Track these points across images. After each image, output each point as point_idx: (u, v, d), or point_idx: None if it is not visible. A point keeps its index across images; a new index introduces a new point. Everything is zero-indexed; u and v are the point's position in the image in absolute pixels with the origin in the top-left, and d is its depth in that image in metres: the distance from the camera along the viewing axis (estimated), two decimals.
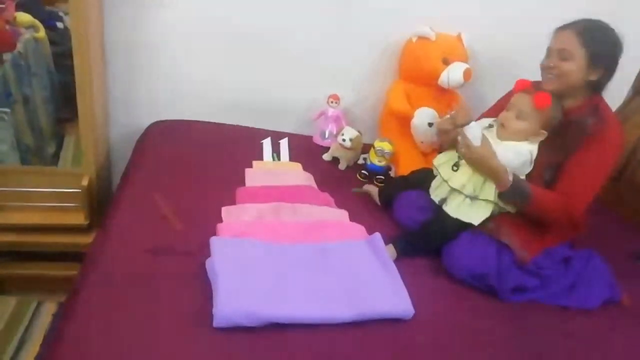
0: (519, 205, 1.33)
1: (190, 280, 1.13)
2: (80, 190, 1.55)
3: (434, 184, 1.46)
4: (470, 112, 1.38)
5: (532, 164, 1.31)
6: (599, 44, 1.29)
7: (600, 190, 1.32)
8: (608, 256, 1.46)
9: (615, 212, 1.89)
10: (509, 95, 1.52)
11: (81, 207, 1.57)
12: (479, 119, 1.57)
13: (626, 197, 1.92)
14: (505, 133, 1.33)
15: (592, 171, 1.30)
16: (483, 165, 1.30)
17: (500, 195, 1.32)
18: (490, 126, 1.39)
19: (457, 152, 1.38)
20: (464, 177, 1.36)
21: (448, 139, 1.45)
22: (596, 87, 1.35)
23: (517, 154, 1.30)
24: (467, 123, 1.34)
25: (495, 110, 1.54)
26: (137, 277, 1.12)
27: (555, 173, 1.33)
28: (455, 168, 1.39)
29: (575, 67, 1.29)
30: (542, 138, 1.31)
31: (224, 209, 1.38)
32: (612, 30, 1.32)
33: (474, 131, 1.31)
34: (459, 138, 1.35)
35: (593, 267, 1.40)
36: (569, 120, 1.34)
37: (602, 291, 1.37)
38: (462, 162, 1.37)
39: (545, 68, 1.35)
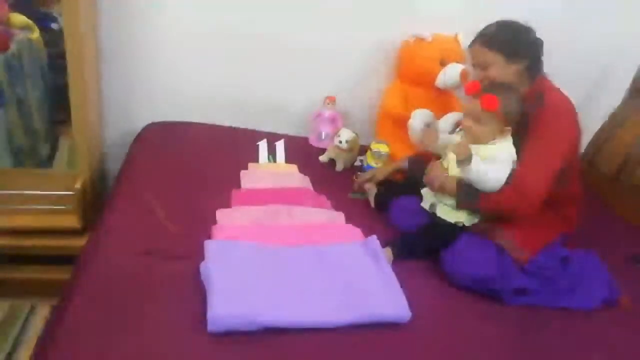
0: (474, 204, 1.34)
1: (184, 284, 1.12)
2: (74, 193, 1.54)
3: (424, 191, 1.47)
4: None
5: (516, 159, 1.31)
6: (504, 40, 1.36)
7: (556, 170, 1.30)
8: (607, 257, 1.46)
9: (613, 212, 1.89)
10: None
11: (75, 210, 1.56)
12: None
13: (624, 197, 1.91)
14: (470, 139, 1.33)
15: (541, 154, 1.30)
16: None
17: (456, 201, 1.35)
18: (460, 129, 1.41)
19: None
20: None
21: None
22: (531, 73, 1.39)
23: (504, 163, 1.30)
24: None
25: None
26: (131, 280, 1.11)
27: None
28: None
29: (497, 70, 1.36)
30: (508, 134, 1.32)
31: (218, 212, 1.37)
32: (511, 21, 1.40)
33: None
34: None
35: (592, 268, 1.40)
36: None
37: (600, 292, 1.36)
38: None
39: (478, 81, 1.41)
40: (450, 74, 1.73)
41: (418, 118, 1.68)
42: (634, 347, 1.24)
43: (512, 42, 1.37)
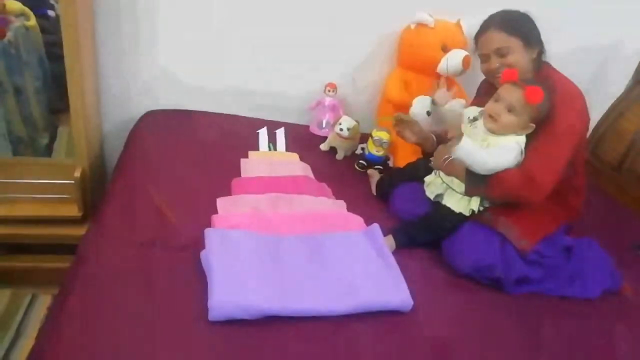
0: (482, 190, 1.32)
1: (185, 273, 1.11)
2: (73, 182, 1.53)
3: (427, 180, 1.45)
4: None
5: (523, 153, 1.29)
6: (521, 25, 1.35)
7: (566, 159, 1.28)
8: (608, 245, 1.45)
9: (615, 201, 1.88)
10: (483, 92, 1.51)
11: (74, 199, 1.55)
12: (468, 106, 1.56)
13: (626, 186, 1.91)
14: (494, 126, 1.29)
15: (552, 144, 1.28)
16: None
17: (465, 186, 1.33)
18: (475, 119, 1.37)
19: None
20: None
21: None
22: (539, 61, 1.38)
23: (509, 151, 1.27)
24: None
25: (477, 100, 1.54)
26: (131, 270, 1.10)
27: None
28: None
29: (518, 56, 1.34)
30: (530, 131, 1.29)
31: (219, 200, 1.36)
32: (516, 9, 1.40)
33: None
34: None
35: (593, 256, 1.39)
36: None
37: (602, 280, 1.36)
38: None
39: (491, 71, 1.39)
40: (452, 61, 1.71)
41: (419, 105, 1.66)
42: (636, 336, 1.24)
43: (528, 28, 1.36)
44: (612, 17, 1.92)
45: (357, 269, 1.17)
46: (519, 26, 1.35)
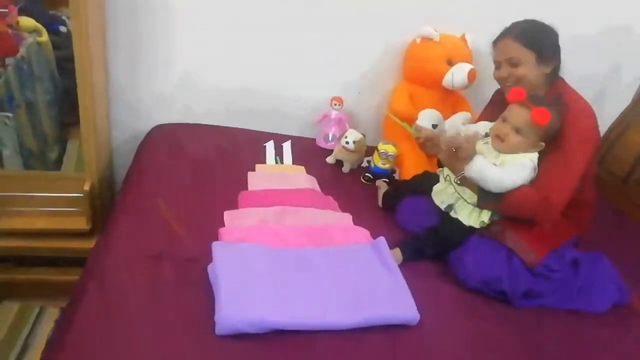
0: (495, 205, 1.31)
1: (192, 287, 1.12)
2: (82, 195, 1.54)
3: (436, 188, 1.44)
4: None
5: (536, 169, 1.29)
6: (539, 39, 1.34)
7: (579, 179, 1.28)
8: (617, 258, 1.43)
9: (623, 213, 1.87)
10: (496, 100, 1.51)
11: (83, 212, 1.56)
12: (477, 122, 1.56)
13: (634, 198, 1.89)
14: (502, 146, 1.29)
15: (566, 162, 1.27)
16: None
17: (478, 199, 1.32)
18: (487, 135, 1.37)
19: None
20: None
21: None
22: (553, 77, 1.37)
23: (523, 168, 1.26)
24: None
25: (485, 115, 1.54)
26: (139, 283, 1.11)
27: None
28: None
29: (528, 69, 1.33)
30: (540, 149, 1.28)
31: (226, 213, 1.37)
32: (540, 22, 1.38)
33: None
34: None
35: (602, 270, 1.38)
36: None
37: (611, 294, 1.34)
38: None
39: (501, 79, 1.39)
40: (457, 74, 1.72)
41: (425, 118, 1.67)
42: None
43: (544, 43, 1.34)
44: (617, 31, 1.93)
45: (363, 283, 1.17)
46: (536, 39, 1.34)
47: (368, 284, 1.17)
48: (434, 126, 1.67)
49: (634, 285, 1.39)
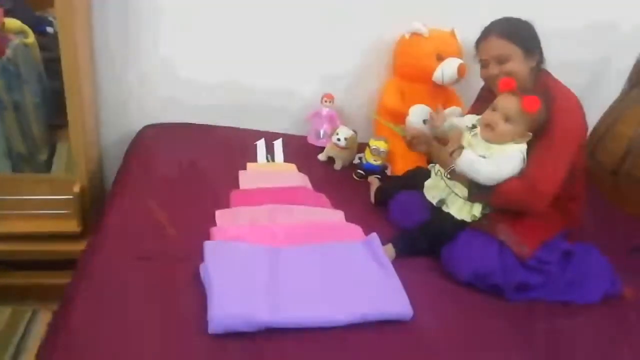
0: (485, 198, 1.32)
1: (184, 286, 1.11)
2: (72, 197, 1.53)
3: (427, 183, 1.45)
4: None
5: (525, 160, 1.29)
6: (522, 34, 1.36)
7: (567, 168, 1.29)
8: (608, 250, 1.45)
9: (615, 205, 1.88)
10: (483, 97, 1.51)
11: (74, 214, 1.55)
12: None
13: (625, 190, 1.91)
14: (491, 135, 1.29)
15: (553, 152, 1.28)
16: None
17: (468, 192, 1.33)
18: (474, 126, 1.37)
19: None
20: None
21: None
22: (538, 69, 1.38)
23: (512, 158, 1.28)
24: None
25: (475, 109, 1.54)
26: (130, 284, 1.10)
27: None
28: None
29: (516, 64, 1.34)
30: (527, 139, 1.29)
31: (217, 213, 1.36)
32: (518, 18, 1.40)
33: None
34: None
35: (593, 261, 1.39)
36: None
37: (602, 285, 1.36)
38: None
39: (489, 78, 1.39)
40: (447, 69, 1.73)
41: (416, 114, 1.67)
42: (634, 342, 1.23)
43: (528, 37, 1.36)
44: (607, 21, 1.93)
45: (356, 280, 1.17)
46: (520, 34, 1.35)
47: (360, 280, 1.17)
48: (425, 122, 1.67)
49: (625, 276, 1.40)
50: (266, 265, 1.15)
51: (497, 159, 1.28)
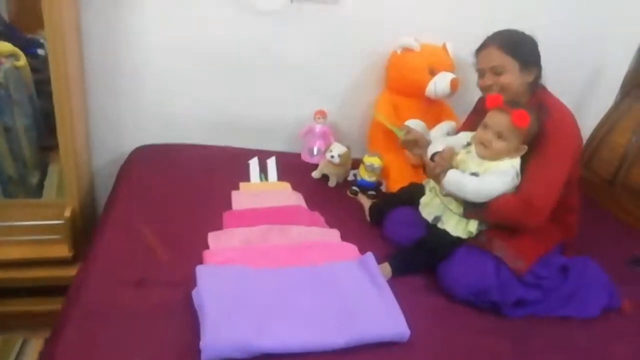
0: (480, 215, 1.31)
1: (177, 312, 1.09)
2: (63, 222, 1.51)
3: (423, 201, 1.44)
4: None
5: (519, 175, 1.29)
6: (522, 48, 1.35)
7: (562, 184, 1.28)
8: (606, 261, 1.44)
9: (611, 215, 1.88)
10: (479, 108, 1.51)
11: (65, 239, 1.53)
12: (460, 129, 1.56)
13: (620, 199, 1.90)
14: (487, 153, 1.29)
15: (548, 168, 1.28)
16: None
17: (463, 209, 1.32)
18: (468, 144, 1.37)
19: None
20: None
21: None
22: (535, 84, 1.38)
23: (505, 174, 1.27)
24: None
25: (467, 125, 1.54)
26: (122, 310, 1.08)
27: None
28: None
29: (512, 77, 1.34)
30: (523, 152, 1.29)
31: (210, 235, 1.35)
32: (521, 31, 1.39)
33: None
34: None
35: (591, 275, 1.38)
36: None
37: (601, 299, 1.35)
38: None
39: (485, 88, 1.39)
40: (440, 83, 1.73)
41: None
42: (633, 357, 1.22)
43: (527, 51, 1.36)
44: (597, 34, 1.95)
45: (352, 301, 1.15)
46: (519, 48, 1.34)
47: (356, 301, 1.15)
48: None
49: (624, 287, 1.39)
50: (259, 289, 1.13)
51: (485, 176, 1.27)
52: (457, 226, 1.35)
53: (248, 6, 1.68)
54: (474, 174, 1.29)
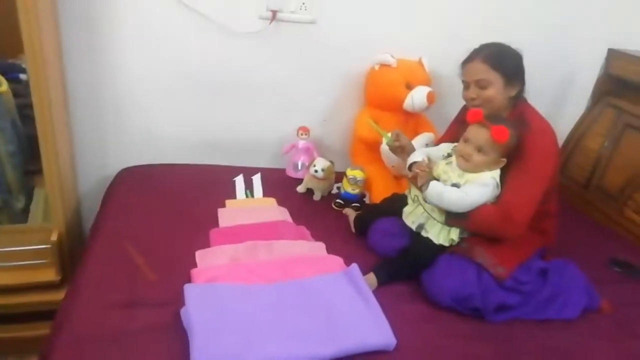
0: (462, 223, 1.35)
1: (166, 333, 1.10)
2: (50, 246, 1.51)
3: (406, 210, 1.47)
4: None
5: (499, 186, 1.33)
6: (507, 63, 1.37)
7: (541, 196, 1.33)
8: (584, 263, 1.48)
9: (587, 218, 1.93)
10: (461, 118, 1.56)
11: (52, 263, 1.53)
12: (437, 143, 1.60)
13: (595, 203, 1.96)
14: (467, 166, 1.33)
15: (527, 180, 1.32)
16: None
17: (445, 216, 1.35)
18: (449, 155, 1.41)
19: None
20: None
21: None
22: (517, 98, 1.41)
23: (485, 185, 1.31)
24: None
25: (450, 134, 1.59)
26: (111, 333, 1.09)
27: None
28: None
29: (495, 91, 1.37)
30: (502, 165, 1.33)
31: (198, 253, 1.36)
32: (508, 45, 1.41)
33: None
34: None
35: (570, 277, 1.42)
36: None
37: (580, 300, 1.38)
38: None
39: (468, 100, 1.42)
40: (417, 97, 1.78)
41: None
42: (618, 356, 1.26)
43: (512, 66, 1.38)
44: (568, 41, 2.01)
45: (338, 312, 1.17)
46: (504, 63, 1.36)
47: (343, 313, 1.17)
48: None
49: (602, 288, 1.43)
50: (247, 305, 1.15)
51: (466, 187, 1.31)
52: (440, 234, 1.39)
53: (227, 29, 1.72)
54: (455, 185, 1.33)
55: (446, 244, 1.38)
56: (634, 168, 1.83)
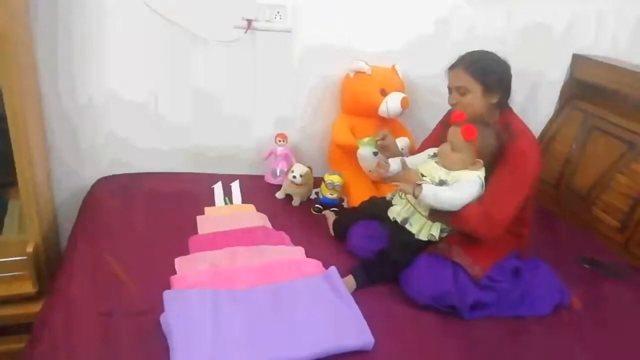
0: (444, 219, 1.39)
1: (147, 340, 1.10)
2: (26, 258, 1.49)
3: (394, 202, 1.50)
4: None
5: (484, 186, 1.37)
6: (487, 72, 1.42)
7: (521, 201, 1.38)
8: (555, 261, 1.54)
9: (558, 218, 2.00)
10: (445, 120, 1.61)
11: (28, 275, 1.50)
12: (421, 147, 1.65)
13: (565, 202, 2.03)
14: (445, 162, 1.40)
15: (510, 185, 1.37)
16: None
17: (429, 211, 1.39)
18: (435, 155, 1.47)
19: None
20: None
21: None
22: (501, 106, 1.47)
23: (473, 184, 1.36)
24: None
25: (432, 138, 1.63)
26: (91, 343, 1.08)
27: None
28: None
29: (474, 98, 1.42)
30: (480, 166, 1.38)
31: (177, 260, 1.37)
32: (493, 54, 1.46)
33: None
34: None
35: (541, 275, 1.47)
36: None
37: (552, 297, 1.44)
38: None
39: (451, 104, 1.49)
40: (391, 103, 1.82)
41: (366, 147, 1.74)
42: (589, 347, 1.30)
43: (492, 76, 1.41)
44: (535, 47, 2.08)
45: (317, 315, 1.19)
46: (485, 71, 1.40)
47: (321, 315, 1.19)
48: (375, 153, 1.74)
49: (573, 285, 1.48)
50: (227, 310, 1.16)
51: (458, 184, 1.36)
52: (422, 229, 1.42)
53: (202, 39, 1.74)
54: (443, 181, 1.37)
55: (424, 238, 1.41)
56: (601, 169, 1.89)
